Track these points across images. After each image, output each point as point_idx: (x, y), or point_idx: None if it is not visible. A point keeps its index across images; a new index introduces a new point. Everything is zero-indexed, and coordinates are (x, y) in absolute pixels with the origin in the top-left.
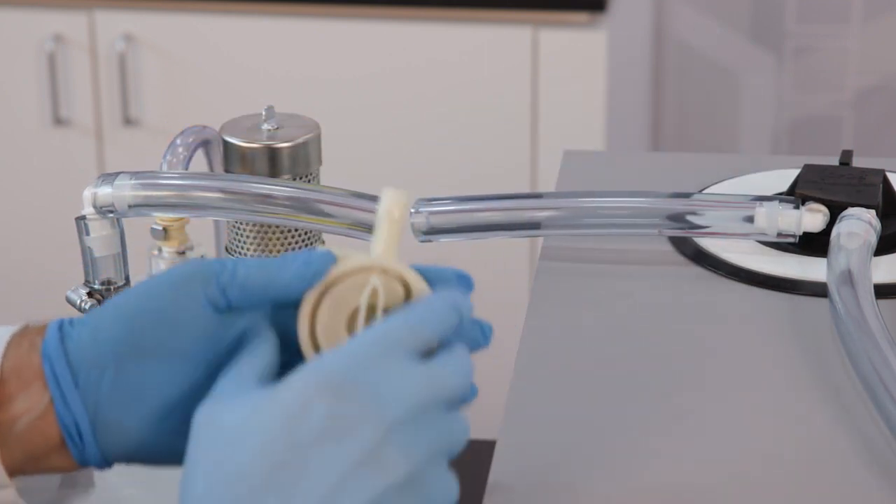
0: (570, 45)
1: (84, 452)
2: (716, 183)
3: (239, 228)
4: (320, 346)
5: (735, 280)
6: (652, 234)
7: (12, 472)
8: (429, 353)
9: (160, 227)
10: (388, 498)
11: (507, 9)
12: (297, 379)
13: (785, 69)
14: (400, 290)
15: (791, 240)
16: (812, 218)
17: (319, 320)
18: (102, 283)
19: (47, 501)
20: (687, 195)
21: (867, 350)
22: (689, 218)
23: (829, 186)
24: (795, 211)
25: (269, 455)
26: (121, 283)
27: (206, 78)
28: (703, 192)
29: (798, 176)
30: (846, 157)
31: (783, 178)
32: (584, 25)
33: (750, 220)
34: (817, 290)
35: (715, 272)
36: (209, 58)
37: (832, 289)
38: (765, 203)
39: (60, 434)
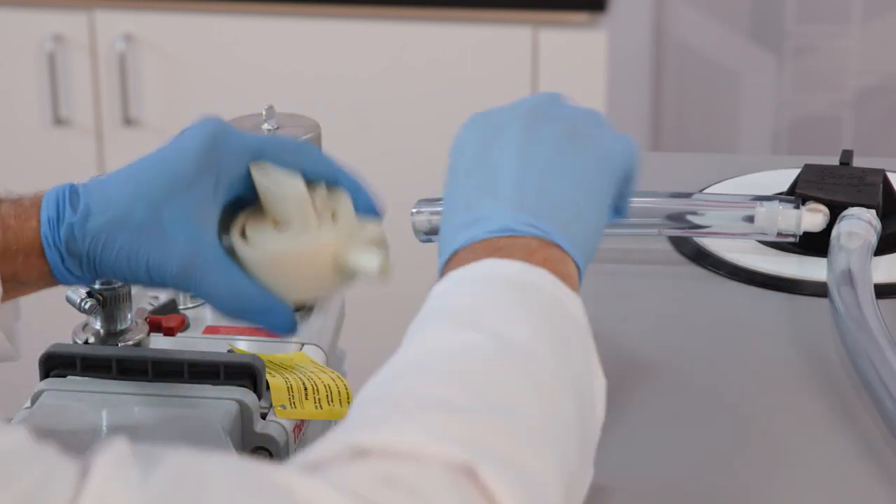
0: (570, 45)
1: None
2: (716, 183)
3: None
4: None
5: (735, 280)
6: (652, 234)
7: None
8: None
9: None
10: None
11: (507, 9)
12: None
13: (785, 69)
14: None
15: (791, 240)
16: (812, 218)
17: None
18: (102, 283)
19: None
20: (687, 195)
21: (867, 349)
22: (690, 218)
23: (828, 186)
24: (795, 211)
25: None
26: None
27: (206, 78)
28: (703, 192)
29: (798, 176)
30: (846, 157)
31: (783, 178)
32: (584, 25)
33: (750, 219)
34: (817, 289)
35: (715, 272)
36: (209, 58)
37: (832, 288)
38: (765, 203)
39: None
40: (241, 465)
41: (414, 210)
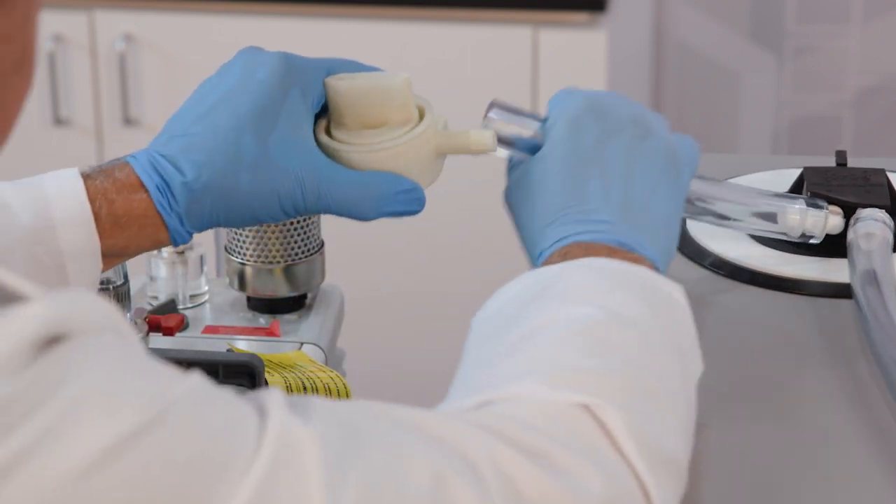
0: (570, 45)
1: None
2: None
3: (238, 229)
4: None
5: (743, 282)
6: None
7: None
8: None
9: None
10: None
11: (507, 9)
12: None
13: (785, 69)
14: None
15: (813, 241)
16: (834, 220)
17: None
18: (101, 283)
19: None
20: (716, 181)
21: (894, 348)
22: (712, 207)
23: (837, 188)
24: (822, 212)
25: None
26: (119, 281)
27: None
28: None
29: (802, 178)
30: (841, 157)
31: (783, 178)
32: (584, 25)
33: (771, 217)
34: (818, 290)
35: (720, 274)
36: (209, 58)
37: (857, 289)
38: (796, 202)
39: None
40: (375, 406)
41: (493, 115)
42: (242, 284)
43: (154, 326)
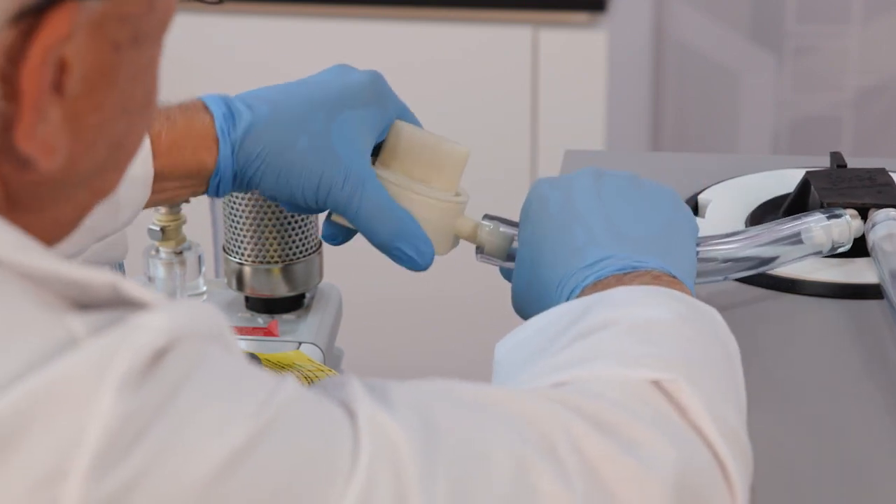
0: (570, 45)
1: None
2: (716, 183)
3: (236, 229)
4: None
5: (762, 287)
6: (718, 281)
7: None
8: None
9: (157, 228)
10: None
11: (507, 9)
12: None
13: (785, 69)
14: None
15: (843, 249)
16: (857, 224)
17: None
18: None
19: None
20: (729, 235)
21: None
22: (750, 255)
23: (848, 190)
24: (842, 220)
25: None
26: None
27: (206, 78)
28: (713, 239)
29: (806, 183)
30: (839, 159)
31: (783, 179)
32: (584, 25)
33: (797, 241)
34: (844, 292)
35: (744, 283)
36: (209, 58)
37: (888, 289)
38: (814, 218)
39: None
40: (451, 386)
41: (488, 225)
42: (241, 284)
43: None
